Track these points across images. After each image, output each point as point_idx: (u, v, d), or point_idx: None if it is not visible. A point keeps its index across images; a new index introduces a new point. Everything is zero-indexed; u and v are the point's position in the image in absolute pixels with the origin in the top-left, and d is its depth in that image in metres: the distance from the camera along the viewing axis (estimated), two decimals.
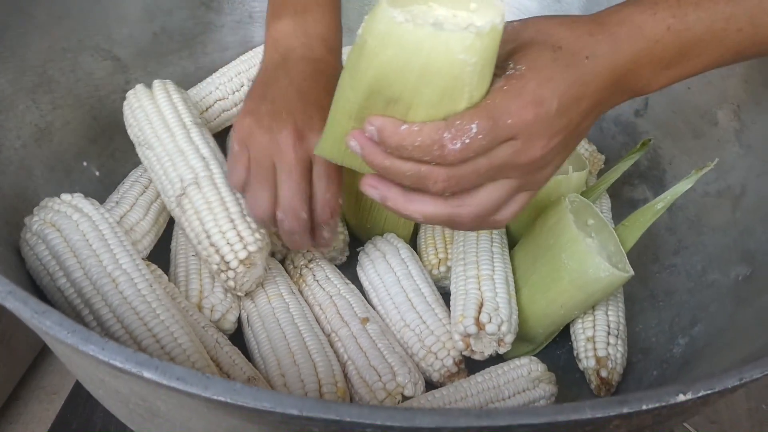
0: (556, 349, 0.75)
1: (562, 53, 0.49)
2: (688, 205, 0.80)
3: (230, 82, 0.91)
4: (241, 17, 0.98)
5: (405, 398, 0.64)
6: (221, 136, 0.93)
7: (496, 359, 0.72)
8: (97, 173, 0.83)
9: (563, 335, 0.74)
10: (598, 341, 0.68)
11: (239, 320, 0.72)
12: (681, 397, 0.35)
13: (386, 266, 0.74)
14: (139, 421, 0.48)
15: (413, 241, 0.82)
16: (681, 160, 0.83)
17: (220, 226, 0.69)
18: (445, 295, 0.74)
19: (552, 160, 0.51)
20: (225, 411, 0.36)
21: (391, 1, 0.42)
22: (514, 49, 0.49)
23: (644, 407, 0.35)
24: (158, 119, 0.75)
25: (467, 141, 0.46)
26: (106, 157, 0.84)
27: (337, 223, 0.65)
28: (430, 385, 0.67)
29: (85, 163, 0.81)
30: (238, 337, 0.71)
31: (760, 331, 0.56)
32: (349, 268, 0.79)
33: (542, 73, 0.47)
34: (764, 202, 0.68)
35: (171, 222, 0.80)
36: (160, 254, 0.77)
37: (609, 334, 0.69)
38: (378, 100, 0.46)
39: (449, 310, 0.70)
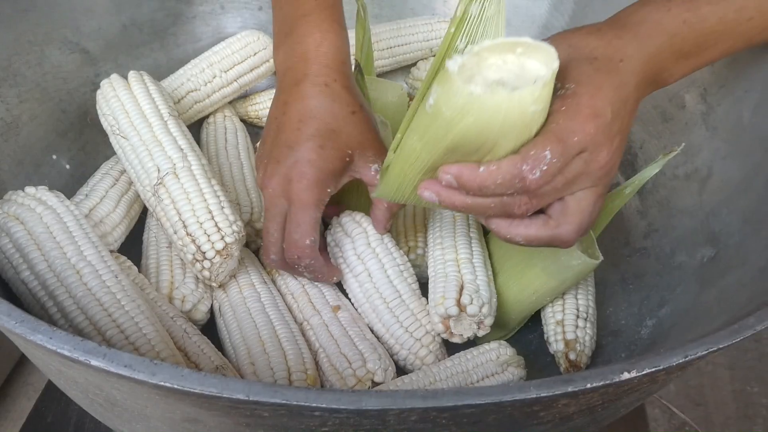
0: (527, 333, 0.76)
1: (599, 62, 0.51)
2: (658, 189, 0.80)
3: (202, 74, 0.91)
4: (213, 8, 0.97)
5: (375, 384, 0.64)
6: (194, 128, 0.93)
7: (467, 345, 0.73)
8: (68, 166, 0.82)
9: (535, 320, 0.75)
10: (567, 325, 0.69)
11: (212, 310, 0.72)
12: (625, 375, 0.35)
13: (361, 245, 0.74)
14: (101, 411, 0.48)
15: None
16: (651, 144, 0.83)
17: (198, 216, 0.69)
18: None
19: (617, 160, 0.53)
20: (175, 397, 0.37)
21: (460, 72, 0.44)
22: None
23: (588, 386, 0.35)
24: (135, 109, 0.75)
25: (545, 168, 0.48)
26: (76, 150, 0.83)
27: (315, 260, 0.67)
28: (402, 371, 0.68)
29: (54, 157, 0.81)
30: (211, 327, 0.71)
31: (721, 310, 0.57)
32: None
33: (591, 86, 0.50)
34: (729, 183, 0.68)
35: (144, 214, 0.80)
36: (134, 246, 0.77)
37: (578, 317, 0.70)
38: (454, 155, 0.48)
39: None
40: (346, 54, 0.66)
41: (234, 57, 0.92)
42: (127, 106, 0.75)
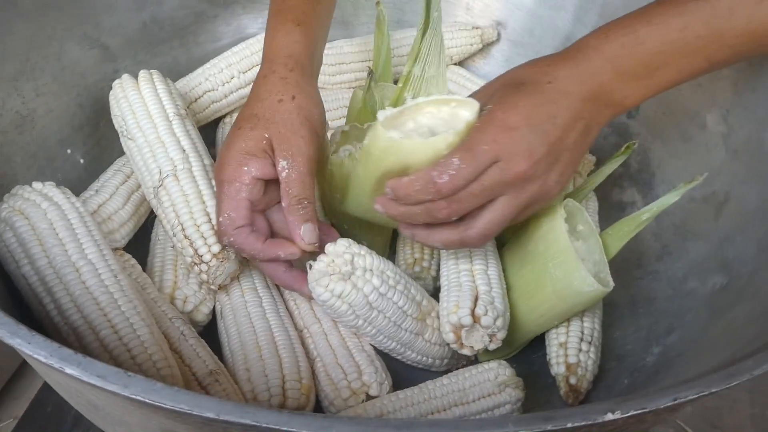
0: (531, 353, 0.74)
1: (524, 86, 0.57)
2: (674, 211, 0.77)
3: (220, 74, 0.91)
4: (234, 8, 0.97)
5: (370, 397, 0.64)
6: (211, 127, 0.93)
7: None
8: (82, 161, 0.83)
9: (539, 339, 0.73)
10: (570, 348, 0.67)
11: (214, 312, 0.72)
12: (609, 416, 0.34)
13: None
14: (86, 411, 0.48)
15: (393, 244, 0.81)
16: (669, 163, 0.81)
17: (195, 219, 0.69)
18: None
19: (545, 171, 0.57)
20: (149, 410, 0.36)
21: (385, 123, 0.57)
22: (489, 98, 0.58)
23: (570, 425, 0.34)
24: (141, 110, 0.75)
25: (452, 172, 0.55)
26: (91, 145, 0.84)
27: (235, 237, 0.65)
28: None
29: (69, 151, 0.81)
30: (213, 329, 0.71)
31: (727, 344, 0.55)
32: None
33: (506, 105, 0.56)
34: (745, 209, 0.66)
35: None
36: (144, 244, 0.78)
37: (582, 340, 0.68)
38: (389, 178, 0.58)
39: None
40: (296, 49, 0.69)
41: (253, 58, 0.92)
42: (135, 106, 0.75)
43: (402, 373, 0.71)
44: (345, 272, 0.62)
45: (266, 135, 0.64)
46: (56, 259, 0.57)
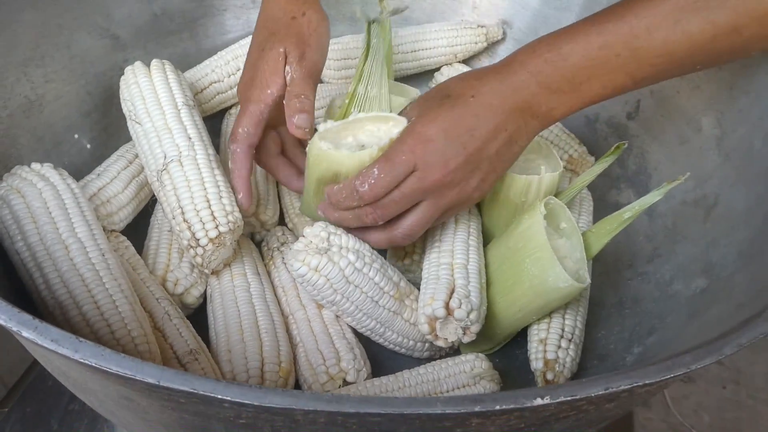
0: (515, 348, 0.74)
1: (449, 99, 0.62)
2: (667, 213, 0.78)
3: (227, 66, 0.93)
4: (244, 2, 0.99)
5: (347, 383, 0.65)
6: (217, 118, 0.95)
7: (452, 355, 0.72)
8: (89, 146, 0.86)
9: (524, 335, 0.74)
10: (549, 344, 0.68)
11: (205, 296, 0.74)
12: (538, 401, 0.35)
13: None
14: (61, 380, 0.50)
15: None
16: (666, 166, 0.81)
17: (196, 204, 0.71)
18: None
19: (463, 179, 0.62)
20: (100, 375, 0.38)
21: (320, 134, 0.66)
22: (418, 111, 0.63)
23: (498, 407, 0.34)
24: (151, 96, 0.77)
25: (372, 181, 0.61)
26: (98, 131, 0.87)
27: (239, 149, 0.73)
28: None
29: (76, 136, 0.84)
30: (204, 313, 0.73)
31: (696, 345, 0.55)
32: None
33: (427, 117, 0.61)
34: (732, 213, 0.66)
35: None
36: (144, 228, 0.80)
37: (562, 337, 0.68)
38: (325, 183, 0.66)
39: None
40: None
41: None
42: (145, 93, 0.78)
43: (384, 363, 0.73)
44: (321, 248, 0.67)
45: (281, 50, 0.70)
46: (47, 236, 0.60)
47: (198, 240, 0.69)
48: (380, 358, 0.73)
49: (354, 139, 0.67)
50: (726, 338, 0.40)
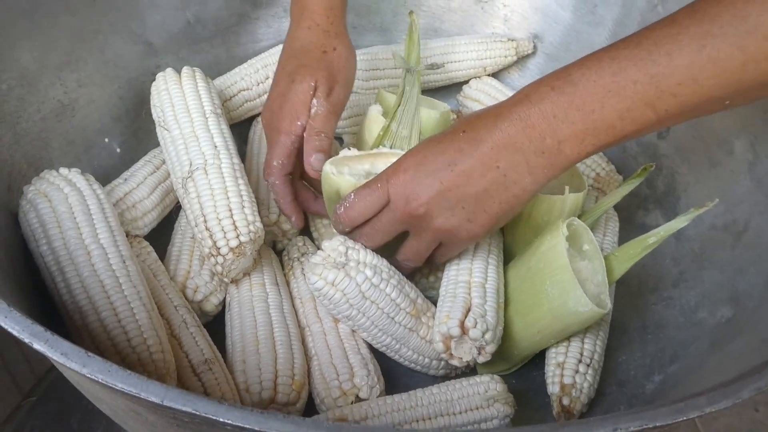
0: (533, 369, 0.73)
1: (443, 134, 0.61)
2: (695, 237, 0.76)
3: (256, 74, 0.94)
4: (276, 11, 1.00)
5: (359, 399, 0.65)
6: (245, 125, 0.96)
7: (469, 374, 0.72)
8: (119, 150, 0.87)
9: (543, 356, 0.73)
10: (567, 368, 0.66)
11: (224, 304, 0.75)
12: None
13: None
14: (77, 386, 0.51)
15: None
16: (695, 188, 0.79)
17: (218, 213, 0.71)
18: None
19: (440, 214, 0.60)
20: (107, 389, 0.39)
21: (332, 160, 0.70)
22: None
23: None
24: (180, 103, 0.78)
25: (347, 204, 0.64)
26: (129, 135, 0.88)
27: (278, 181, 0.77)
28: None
29: (107, 140, 0.86)
30: (222, 320, 0.74)
31: (718, 377, 0.53)
32: None
33: (414, 150, 0.62)
34: (761, 241, 0.64)
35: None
36: (168, 233, 0.81)
37: (580, 362, 0.67)
38: (331, 203, 0.71)
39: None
40: (336, 2, 0.76)
41: None
42: (175, 100, 0.79)
43: (400, 379, 0.73)
44: (339, 263, 0.67)
45: (312, 84, 0.73)
46: (71, 241, 0.61)
47: (219, 249, 0.70)
48: (395, 374, 0.73)
49: (371, 167, 0.70)
50: (744, 380, 0.39)
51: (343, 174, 0.69)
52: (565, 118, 0.55)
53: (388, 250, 0.76)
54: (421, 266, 0.78)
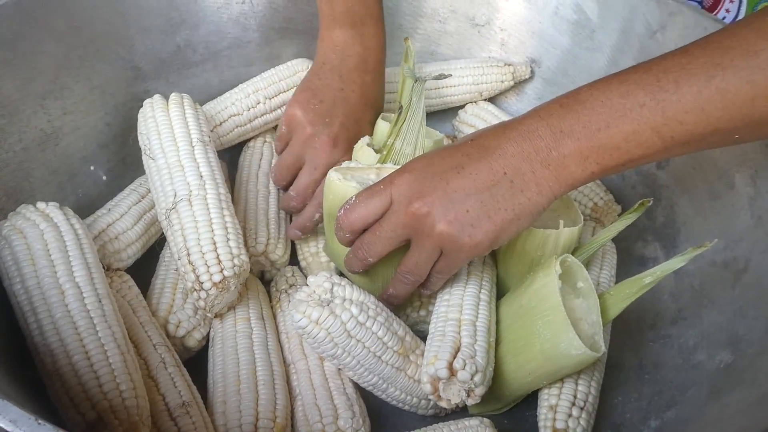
0: (525, 409, 0.71)
1: (449, 145, 0.61)
2: (695, 272, 0.73)
3: (246, 99, 0.92)
4: (268, 34, 0.98)
5: None
6: (236, 150, 0.94)
7: (459, 413, 0.69)
8: (105, 177, 0.85)
9: (536, 396, 0.70)
10: (560, 411, 0.64)
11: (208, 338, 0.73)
12: None
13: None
14: None
15: None
16: (695, 221, 0.76)
17: (202, 245, 0.69)
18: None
19: (446, 214, 0.58)
20: None
21: (337, 168, 0.69)
22: None
23: None
24: (167, 131, 0.76)
25: (348, 206, 0.63)
26: (115, 162, 0.86)
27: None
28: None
29: (92, 167, 0.84)
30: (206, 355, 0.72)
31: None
32: None
33: (420, 156, 0.62)
34: (762, 282, 0.61)
35: None
36: (153, 264, 0.79)
37: (574, 405, 0.64)
38: (332, 211, 0.68)
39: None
40: (356, 48, 0.81)
41: (280, 84, 0.93)
42: (161, 128, 0.76)
43: (388, 417, 0.71)
44: (324, 300, 0.65)
45: (327, 119, 0.78)
46: (44, 280, 0.59)
47: (202, 283, 0.68)
48: (384, 412, 0.71)
49: (376, 177, 0.69)
50: None
51: (349, 181, 0.67)
52: (570, 134, 0.56)
53: (381, 276, 0.74)
54: (411, 298, 0.76)
